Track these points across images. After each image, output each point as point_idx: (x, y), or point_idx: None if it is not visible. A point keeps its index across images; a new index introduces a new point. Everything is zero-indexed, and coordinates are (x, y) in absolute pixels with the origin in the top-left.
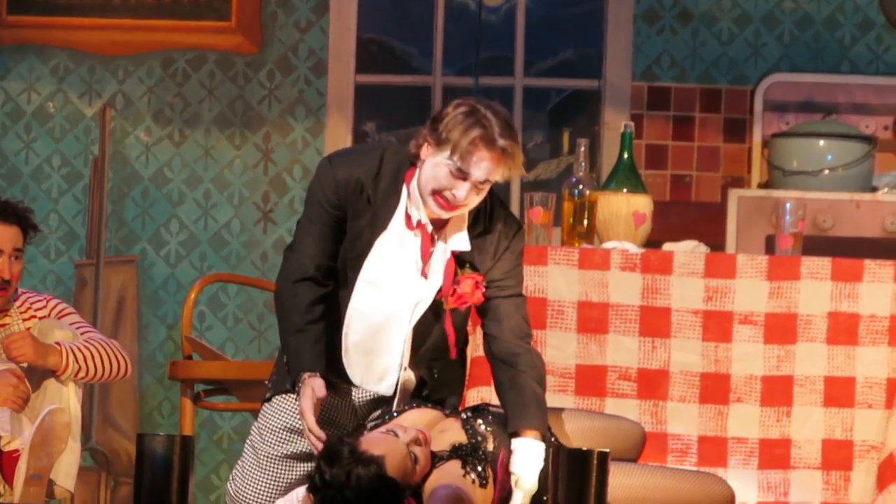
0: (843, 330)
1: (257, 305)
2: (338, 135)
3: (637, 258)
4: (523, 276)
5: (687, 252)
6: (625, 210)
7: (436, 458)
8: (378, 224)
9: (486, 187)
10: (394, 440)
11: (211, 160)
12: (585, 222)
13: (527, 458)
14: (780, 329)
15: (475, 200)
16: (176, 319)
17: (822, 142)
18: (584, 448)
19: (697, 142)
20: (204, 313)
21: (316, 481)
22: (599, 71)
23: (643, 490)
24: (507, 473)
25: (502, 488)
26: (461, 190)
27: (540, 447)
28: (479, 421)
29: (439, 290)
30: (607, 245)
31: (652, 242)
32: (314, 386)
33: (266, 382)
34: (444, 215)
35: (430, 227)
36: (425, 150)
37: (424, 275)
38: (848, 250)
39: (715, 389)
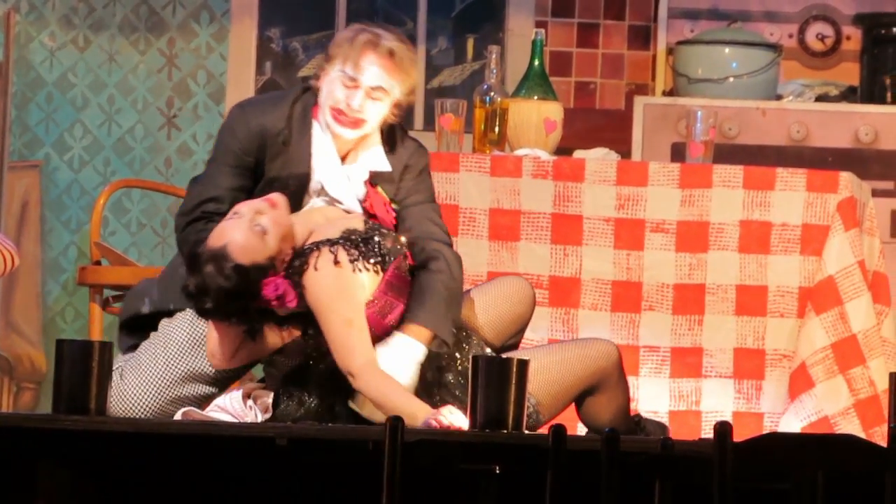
0: (755, 238)
1: (160, 211)
2: (242, 40)
3: (549, 165)
4: (433, 188)
5: (599, 160)
6: (535, 117)
7: (321, 244)
8: (293, 163)
9: (383, 97)
10: (234, 223)
11: (115, 65)
12: (497, 129)
13: (394, 358)
14: (692, 237)
15: (374, 113)
16: (79, 225)
17: (727, 49)
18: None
19: (602, 49)
20: (108, 219)
21: (185, 293)
22: None
23: (539, 373)
24: (397, 282)
25: (388, 288)
26: (355, 98)
27: (412, 347)
28: (385, 227)
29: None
30: (519, 152)
31: (561, 150)
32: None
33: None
34: (349, 133)
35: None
36: (322, 77)
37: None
38: (754, 158)
39: (626, 298)
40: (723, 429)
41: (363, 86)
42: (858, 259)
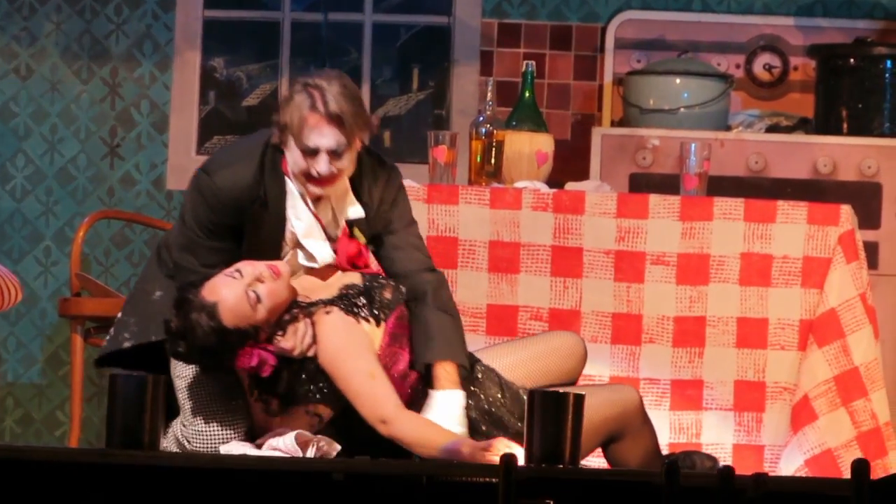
0: (756, 271)
1: (135, 242)
2: (185, 70)
3: (549, 198)
4: (409, 207)
5: (599, 192)
6: (528, 149)
7: (320, 303)
8: (273, 222)
9: (347, 152)
10: (232, 282)
11: (58, 95)
12: (493, 161)
13: (442, 417)
14: (693, 270)
15: (345, 164)
16: (22, 254)
17: (678, 80)
18: (560, 391)
19: (548, 79)
20: (50, 248)
21: (165, 329)
22: (449, 7)
23: (507, 370)
24: (399, 331)
25: (392, 340)
26: (320, 164)
27: (453, 398)
28: (382, 278)
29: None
30: (519, 184)
31: (550, 182)
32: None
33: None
34: (329, 189)
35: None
36: (283, 142)
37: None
38: (714, 189)
39: (627, 330)
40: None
41: (322, 151)
42: (860, 291)
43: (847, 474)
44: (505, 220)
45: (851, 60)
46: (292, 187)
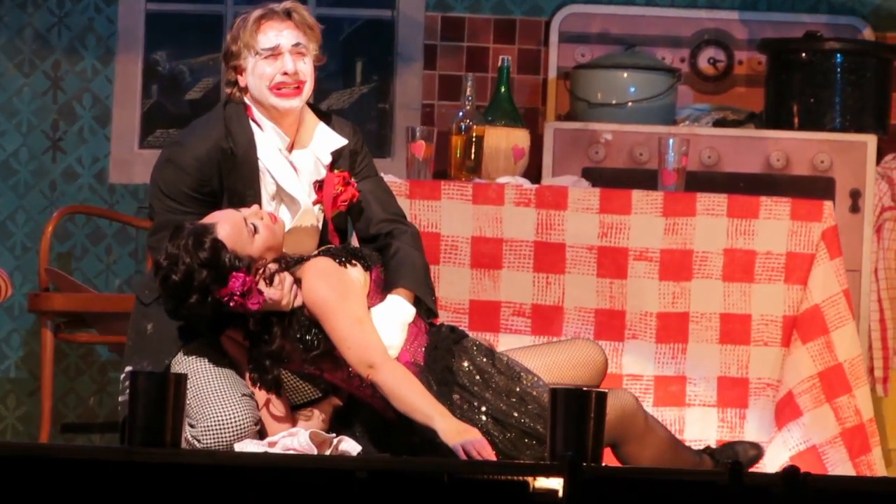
0: (739, 267)
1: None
2: (128, 63)
3: (531, 193)
4: (372, 161)
5: (582, 188)
6: (504, 144)
7: (305, 258)
8: (247, 174)
9: (305, 52)
10: (231, 211)
11: None
12: (473, 157)
13: (383, 313)
14: (676, 265)
15: (307, 71)
16: None
17: (625, 73)
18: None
19: (491, 73)
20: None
21: (158, 259)
22: (393, 1)
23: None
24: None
25: (376, 287)
26: (286, 63)
27: (401, 305)
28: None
29: (317, 200)
30: (501, 180)
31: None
32: None
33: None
34: (297, 102)
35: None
36: (240, 78)
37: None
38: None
39: (610, 326)
40: None
41: (285, 50)
42: (843, 288)
43: (832, 471)
44: (487, 216)
45: (803, 55)
46: (261, 135)
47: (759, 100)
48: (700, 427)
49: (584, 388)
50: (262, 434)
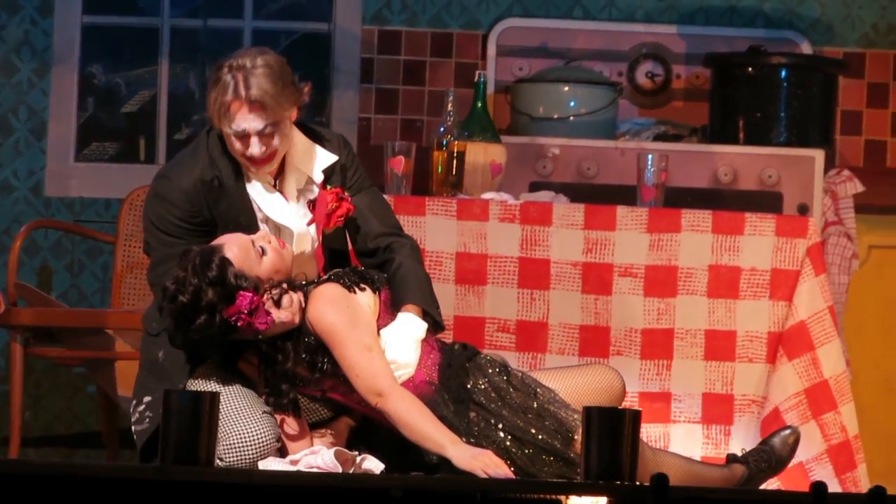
0: (724, 283)
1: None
2: (64, 76)
3: (516, 209)
4: (364, 172)
5: (566, 204)
6: (482, 159)
7: (313, 282)
8: (236, 202)
9: (276, 129)
10: (239, 234)
11: None
12: (455, 172)
13: (396, 331)
14: (660, 282)
15: (278, 140)
16: None
17: (567, 87)
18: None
19: (428, 86)
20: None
21: (166, 284)
22: (329, 14)
23: None
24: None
25: (385, 308)
26: (253, 147)
27: (413, 322)
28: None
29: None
30: (486, 196)
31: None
32: None
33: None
34: (270, 167)
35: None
36: (218, 126)
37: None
38: (614, 198)
39: (594, 342)
40: None
41: (252, 133)
42: (829, 304)
43: None
44: (472, 232)
45: (749, 69)
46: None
47: (698, 114)
48: (685, 444)
49: (619, 409)
50: (282, 452)
